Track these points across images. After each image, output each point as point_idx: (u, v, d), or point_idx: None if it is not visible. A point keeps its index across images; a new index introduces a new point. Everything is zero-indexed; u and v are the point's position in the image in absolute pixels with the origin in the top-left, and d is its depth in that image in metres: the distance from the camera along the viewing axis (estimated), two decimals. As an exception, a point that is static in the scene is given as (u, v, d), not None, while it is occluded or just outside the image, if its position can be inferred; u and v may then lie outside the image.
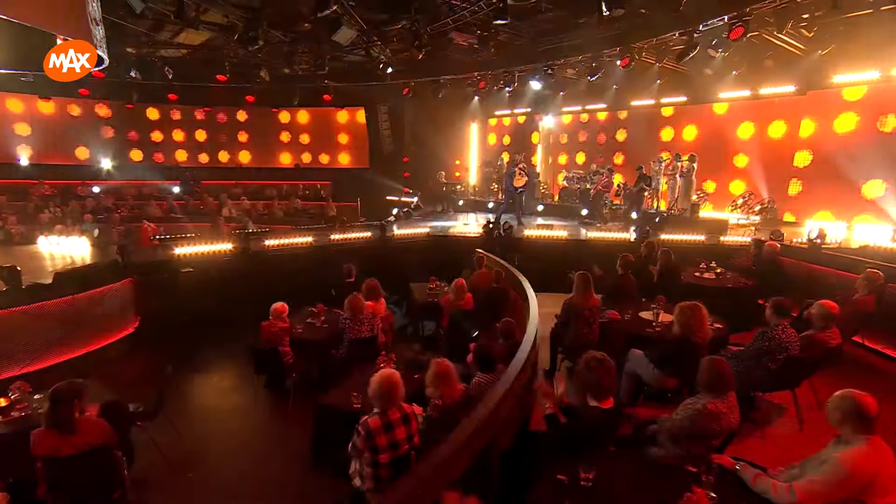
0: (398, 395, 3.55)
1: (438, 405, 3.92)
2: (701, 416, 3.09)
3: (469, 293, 6.83)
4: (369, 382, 3.63)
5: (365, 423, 3.40)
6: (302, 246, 9.36)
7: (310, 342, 5.99)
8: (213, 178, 18.10)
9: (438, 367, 3.98)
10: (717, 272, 7.41)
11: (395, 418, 3.47)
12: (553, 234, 10.30)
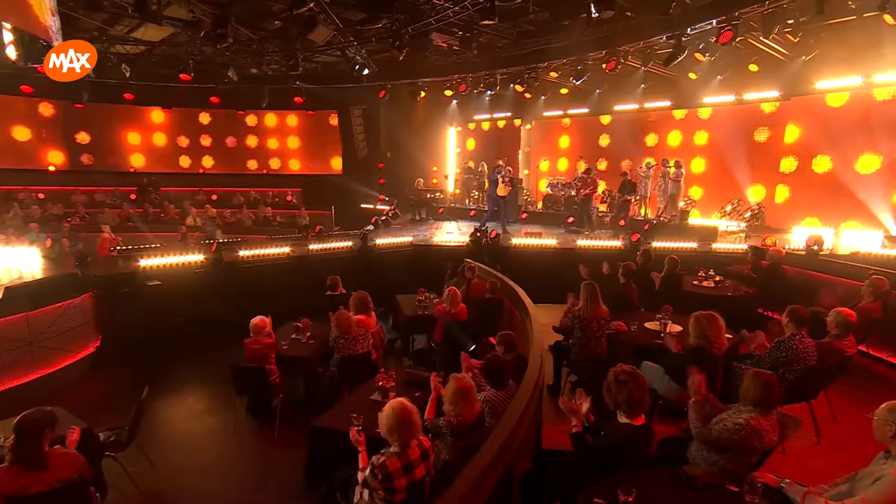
0: (417, 427, 3.34)
1: (452, 423, 3.79)
2: (742, 431, 3.04)
3: (463, 304, 6.72)
4: (381, 413, 3.40)
5: (383, 465, 3.16)
6: (279, 257, 9.12)
7: (296, 359, 5.79)
8: (174, 184, 17.56)
9: (460, 384, 3.85)
10: (715, 280, 7.49)
11: (415, 458, 3.26)
12: (542, 242, 10.29)
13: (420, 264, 9.78)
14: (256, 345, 5.41)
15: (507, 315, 7.28)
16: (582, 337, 5.29)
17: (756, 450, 3.08)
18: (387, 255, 9.98)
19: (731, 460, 3.13)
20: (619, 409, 3.17)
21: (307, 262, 9.25)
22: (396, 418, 3.24)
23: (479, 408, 4.01)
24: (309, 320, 6.36)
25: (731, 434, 3.09)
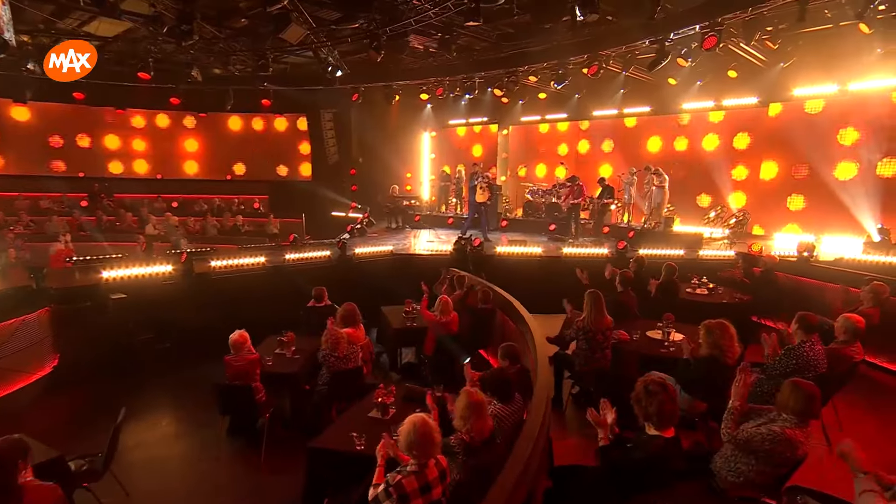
0: (437, 445, 3.30)
1: (465, 441, 3.71)
2: (776, 439, 3.06)
3: (455, 312, 6.66)
4: (401, 428, 3.36)
5: (399, 484, 3.10)
6: (253, 267, 8.89)
7: (282, 376, 5.61)
8: (129, 190, 16.98)
9: (472, 398, 3.78)
10: (709, 287, 7.63)
11: (433, 477, 3.20)
12: (527, 250, 10.33)
13: (402, 274, 9.66)
14: (239, 362, 5.22)
15: (499, 326, 7.25)
16: (587, 348, 5.29)
17: (788, 461, 3.10)
18: (367, 264, 9.84)
19: (761, 471, 3.14)
20: (648, 421, 3.15)
21: (283, 272, 9.04)
22: (417, 434, 3.18)
23: (490, 423, 3.94)
24: (294, 334, 6.16)
25: (762, 439, 3.10)
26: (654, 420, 3.10)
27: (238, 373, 5.18)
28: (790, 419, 3.15)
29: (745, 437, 3.18)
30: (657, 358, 5.26)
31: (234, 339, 5.26)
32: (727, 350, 4.41)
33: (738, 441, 3.21)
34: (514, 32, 12.51)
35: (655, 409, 3.07)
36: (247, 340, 5.34)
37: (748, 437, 3.17)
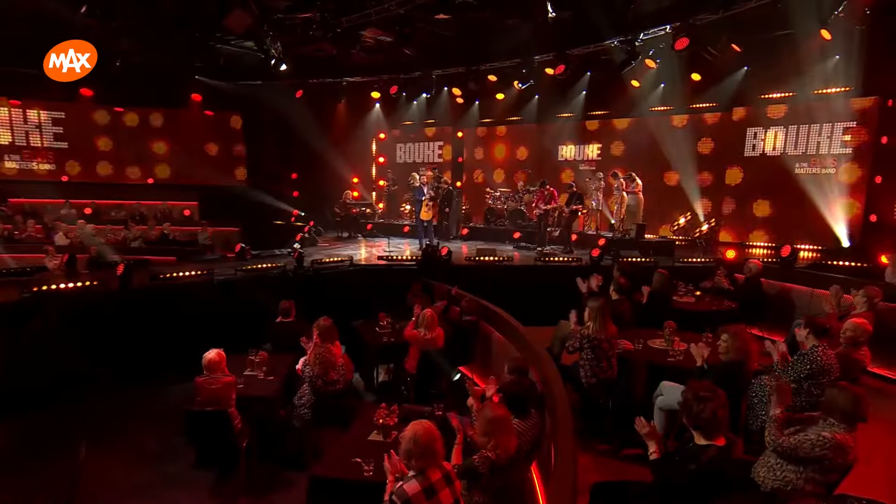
0: (440, 452, 3.35)
1: (490, 459, 3.69)
2: (827, 445, 3.20)
3: (440, 328, 6.62)
4: (402, 435, 3.39)
5: (400, 491, 3.16)
6: (200, 280, 8.53)
7: (256, 400, 5.37)
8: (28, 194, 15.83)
9: (496, 411, 3.78)
10: (695, 295, 7.96)
11: (436, 479, 3.25)
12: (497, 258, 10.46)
13: (367, 286, 9.53)
14: (214, 384, 4.96)
15: (483, 340, 7.27)
16: (593, 358, 5.38)
17: (839, 467, 3.25)
18: (327, 276, 9.64)
19: (810, 478, 3.28)
20: (698, 430, 3.23)
21: (235, 286, 8.72)
22: (417, 442, 3.22)
23: (516, 440, 3.94)
24: (266, 353, 5.93)
25: (812, 445, 3.24)
26: (706, 428, 3.18)
27: (211, 397, 4.91)
28: (838, 424, 3.31)
29: (793, 445, 3.31)
30: (666, 367, 5.42)
31: (210, 358, 5.00)
32: (754, 354, 4.61)
33: (785, 449, 3.34)
34: (477, 28, 12.71)
35: (709, 415, 3.15)
36: (223, 360, 5.09)
37: (795, 445, 3.30)
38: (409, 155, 18.46)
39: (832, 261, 9.70)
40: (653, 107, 14.27)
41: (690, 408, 3.22)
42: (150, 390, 7.10)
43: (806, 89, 12.11)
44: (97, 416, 6.49)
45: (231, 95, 16.10)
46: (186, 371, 7.32)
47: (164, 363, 7.32)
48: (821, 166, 12.27)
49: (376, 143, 18.72)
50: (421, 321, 6.57)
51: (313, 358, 5.25)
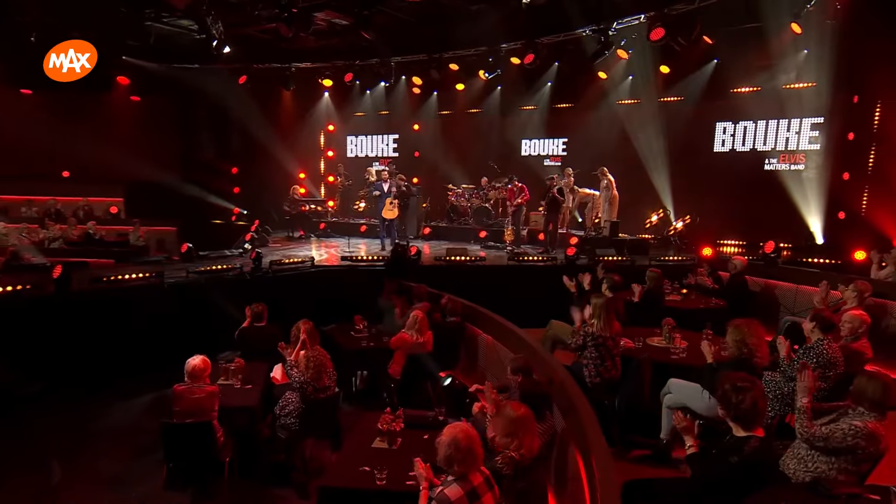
0: (480, 455, 3.44)
1: (515, 459, 3.80)
2: (860, 434, 3.44)
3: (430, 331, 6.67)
4: (439, 440, 3.43)
5: (441, 496, 3.24)
6: (148, 283, 8.28)
7: (237, 411, 5.27)
8: None
9: (518, 411, 3.89)
10: (682, 293, 8.32)
11: (478, 483, 3.35)
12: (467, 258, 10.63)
13: (331, 288, 9.50)
14: (197, 393, 4.85)
15: (468, 342, 7.37)
16: (597, 357, 5.56)
17: (871, 456, 3.50)
18: (288, 278, 9.53)
19: (843, 468, 3.53)
20: (737, 422, 3.41)
21: (189, 288, 8.52)
22: (458, 446, 3.28)
23: (539, 440, 4.06)
24: (243, 360, 5.83)
25: (844, 435, 3.48)
26: (746, 419, 3.37)
27: (193, 407, 4.80)
28: (868, 413, 3.57)
29: (825, 435, 3.55)
30: (670, 365, 5.66)
31: (195, 365, 4.89)
32: (755, 349, 4.87)
33: (817, 439, 3.57)
34: (440, 14, 12.82)
35: (749, 405, 3.33)
36: (209, 368, 4.99)
37: (827, 435, 3.54)
38: (361, 149, 18.39)
39: (805, 258, 10.31)
40: (621, 99, 14.73)
41: (729, 399, 3.40)
42: (100, 405, 6.85)
43: (775, 83, 12.82)
44: (36, 436, 6.20)
45: (163, 79, 15.58)
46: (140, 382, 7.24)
47: (113, 375, 7.11)
48: (790, 162, 13.02)
49: (324, 136, 18.54)
50: (411, 324, 6.59)
51: (305, 362, 5.20)
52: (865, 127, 11.72)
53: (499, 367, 6.65)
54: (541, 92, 15.29)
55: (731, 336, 4.97)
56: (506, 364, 6.27)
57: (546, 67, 13.83)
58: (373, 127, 18.14)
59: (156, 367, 7.22)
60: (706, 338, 5.79)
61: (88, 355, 7.20)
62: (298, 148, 17.70)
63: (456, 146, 16.74)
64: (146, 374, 7.20)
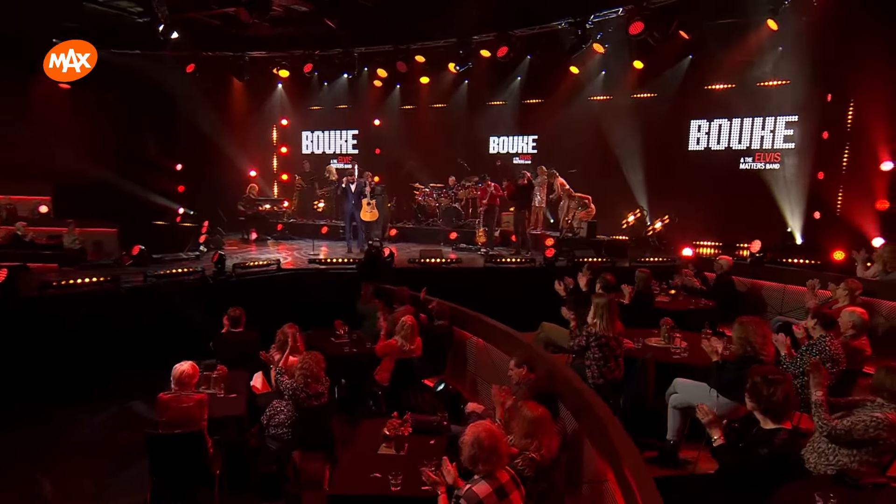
0: (505, 453, 3.63)
1: (536, 460, 3.96)
2: (882, 426, 3.70)
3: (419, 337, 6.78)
4: (463, 440, 3.61)
5: (469, 493, 3.40)
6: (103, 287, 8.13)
7: (224, 421, 5.27)
8: None
9: (535, 411, 4.06)
10: (670, 294, 8.66)
11: (505, 481, 3.53)
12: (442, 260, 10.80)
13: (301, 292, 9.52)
14: (185, 402, 4.83)
15: (457, 345, 7.51)
16: (600, 358, 5.77)
17: (892, 447, 3.79)
18: (254, 282, 9.49)
19: (865, 461, 3.80)
20: (767, 415, 3.65)
21: (145, 294, 8.43)
22: (482, 445, 3.44)
23: (558, 439, 4.23)
24: (226, 368, 5.82)
25: (866, 427, 3.76)
26: (776, 411, 3.61)
27: (181, 417, 4.78)
28: (888, 403, 3.86)
29: (846, 428, 3.81)
30: (673, 365, 5.93)
31: (183, 371, 4.88)
32: (760, 347, 5.16)
33: (839, 433, 3.84)
34: (407, 2, 12.94)
35: (781, 398, 3.58)
36: (197, 374, 4.98)
37: (849, 428, 3.81)
38: (318, 145, 18.33)
39: (785, 258, 10.81)
40: (593, 96, 15.14)
41: (760, 392, 3.64)
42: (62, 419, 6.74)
43: (750, 81, 13.42)
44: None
45: (99, 66, 15.13)
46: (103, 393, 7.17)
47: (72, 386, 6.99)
48: (766, 161, 13.64)
49: (277, 131, 18.39)
50: (399, 330, 6.68)
51: (298, 368, 5.24)
52: (839, 125, 12.31)
53: (491, 370, 6.84)
54: (510, 87, 15.56)
55: (736, 333, 5.26)
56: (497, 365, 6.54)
57: (518, 61, 14.09)
58: (330, 122, 18.11)
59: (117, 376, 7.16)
60: (706, 337, 6.07)
61: (43, 366, 7.06)
62: (249, 144, 17.52)
63: (420, 143, 16.86)
64: (108, 385, 7.14)
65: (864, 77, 11.14)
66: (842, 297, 7.06)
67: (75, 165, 16.38)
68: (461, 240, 13.76)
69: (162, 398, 4.87)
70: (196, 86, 15.50)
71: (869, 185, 11.18)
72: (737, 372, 5.13)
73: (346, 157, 17.43)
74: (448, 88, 16.07)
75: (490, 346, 6.87)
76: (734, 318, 8.10)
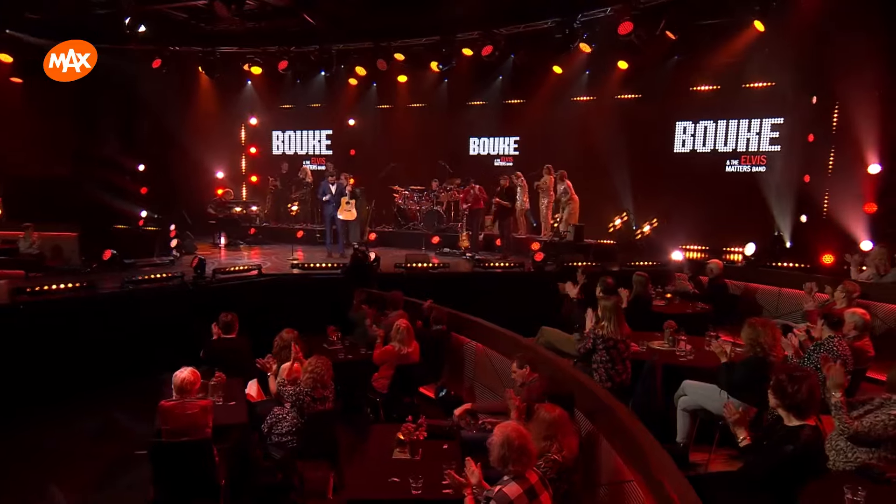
0: (533, 453, 3.75)
1: (558, 462, 4.12)
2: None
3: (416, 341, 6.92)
4: (491, 441, 3.72)
5: (500, 495, 3.51)
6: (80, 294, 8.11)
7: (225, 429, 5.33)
8: None
9: (553, 412, 4.21)
10: (666, 297, 8.95)
11: (535, 481, 3.65)
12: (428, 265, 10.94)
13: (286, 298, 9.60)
14: (189, 409, 4.88)
15: (454, 351, 7.67)
16: (607, 360, 6.00)
17: (908, 441, 4.06)
18: (236, 288, 9.53)
19: (882, 457, 4.06)
20: (792, 411, 3.88)
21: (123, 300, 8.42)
22: (511, 445, 3.57)
23: (577, 439, 4.41)
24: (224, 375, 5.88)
25: (885, 426, 4.01)
26: (801, 408, 3.83)
27: (186, 424, 4.82)
28: (905, 400, 4.14)
29: (866, 428, 4.07)
30: (680, 368, 6.17)
31: (184, 378, 4.92)
32: (770, 348, 5.43)
33: (860, 433, 4.08)
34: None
35: (806, 394, 3.80)
36: (199, 381, 5.03)
37: (869, 428, 4.07)
38: (290, 145, 18.33)
39: (775, 262, 11.22)
40: (576, 96, 15.47)
41: (784, 389, 3.86)
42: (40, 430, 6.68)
43: (735, 82, 13.87)
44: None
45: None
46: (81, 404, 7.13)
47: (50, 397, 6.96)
48: (752, 163, 14.10)
49: (246, 130, 18.35)
50: (394, 335, 6.81)
51: (309, 371, 5.33)
52: (825, 128, 12.79)
53: (491, 374, 7.03)
54: (492, 86, 15.78)
55: (745, 334, 5.50)
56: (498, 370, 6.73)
57: (502, 60, 14.30)
58: (302, 121, 18.15)
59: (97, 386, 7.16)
60: (713, 339, 6.35)
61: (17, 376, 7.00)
62: (216, 143, 17.43)
63: (399, 144, 17.03)
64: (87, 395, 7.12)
65: (849, 80, 11.54)
66: (839, 300, 7.39)
67: (28, 165, 16.17)
68: (444, 244, 13.92)
69: (164, 406, 4.91)
70: (161, 82, 15.41)
71: (856, 187, 11.57)
72: (746, 373, 5.41)
73: (321, 159, 17.47)
74: (427, 87, 16.23)
75: (490, 351, 7.04)
76: (730, 322, 8.55)
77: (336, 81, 16.24)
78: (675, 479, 3.56)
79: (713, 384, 5.62)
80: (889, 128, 10.94)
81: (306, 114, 17.93)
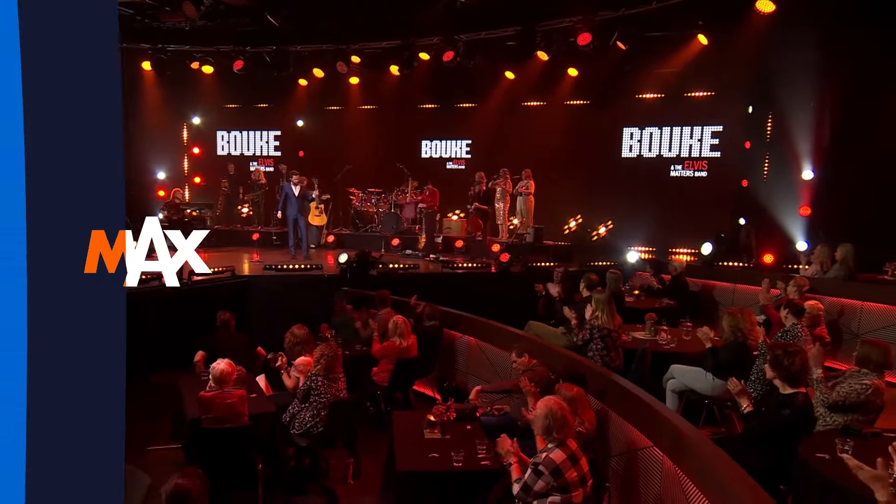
0: (573, 424, 4.40)
1: (582, 433, 4.80)
2: (869, 391, 4.85)
3: (413, 335, 7.47)
4: (535, 413, 4.41)
5: (548, 460, 4.12)
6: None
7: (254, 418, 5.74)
8: None
9: (572, 390, 4.88)
10: (634, 294, 9.84)
11: (575, 448, 4.28)
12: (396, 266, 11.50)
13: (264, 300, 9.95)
14: (228, 398, 5.31)
15: (446, 346, 8.26)
16: (603, 348, 6.76)
17: (877, 408, 4.95)
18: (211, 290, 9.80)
19: (855, 419, 4.94)
20: (787, 381, 4.68)
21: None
22: (553, 416, 4.18)
23: (592, 412, 5.11)
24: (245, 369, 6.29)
25: (858, 394, 4.89)
26: (795, 378, 4.65)
27: (227, 413, 5.25)
28: (871, 373, 5.01)
29: (842, 396, 4.93)
30: (664, 354, 7.01)
31: (222, 369, 5.32)
32: (748, 333, 6.30)
33: (837, 402, 4.94)
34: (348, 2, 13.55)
35: (799, 366, 4.63)
36: (234, 372, 5.45)
37: (845, 396, 4.93)
38: (235, 146, 18.45)
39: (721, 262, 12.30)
40: (527, 101, 16.31)
41: (781, 362, 4.67)
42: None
43: (678, 91, 15.02)
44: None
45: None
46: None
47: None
48: (693, 168, 15.27)
49: (189, 130, 18.35)
50: (393, 331, 7.35)
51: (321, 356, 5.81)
52: (760, 136, 14.09)
53: (485, 368, 7.68)
54: (444, 90, 16.39)
55: (726, 322, 6.37)
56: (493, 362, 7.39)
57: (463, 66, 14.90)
58: (248, 121, 18.32)
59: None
60: (686, 329, 7.25)
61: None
62: (157, 142, 17.37)
63: (349, 145, 17.39)
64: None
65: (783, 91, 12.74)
66: (791, 293, 8.39)
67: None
68: (404, 245, 14.41)
69: (204, 396, 5.30)
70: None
71: (791, 192, 12.80)
72: (729, 356, 6.27)
73: (269, 160, 17.67)
74: (378, 90, 16.66)
75: (483, 344, 7.68)
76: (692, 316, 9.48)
77: (284, 82, 16.49)
78: (696, 438, 4.31)
79: (699, 367, 6.45)
80: (821, 137, 12.21)
81: (253, 114, 18.14)
